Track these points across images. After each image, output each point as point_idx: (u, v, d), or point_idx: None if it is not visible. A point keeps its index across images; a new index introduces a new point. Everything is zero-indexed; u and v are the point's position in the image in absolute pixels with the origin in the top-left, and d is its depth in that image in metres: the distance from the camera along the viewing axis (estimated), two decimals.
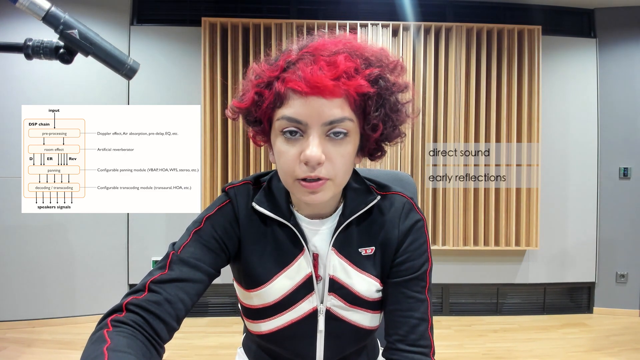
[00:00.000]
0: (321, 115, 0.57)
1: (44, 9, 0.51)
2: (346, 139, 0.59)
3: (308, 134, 0.58)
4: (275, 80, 0.59)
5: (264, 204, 0.68)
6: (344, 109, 0.58)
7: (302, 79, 0.56)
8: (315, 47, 0.59)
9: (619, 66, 2.95)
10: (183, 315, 0.59)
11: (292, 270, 0.68)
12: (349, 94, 0.57)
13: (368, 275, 0.69)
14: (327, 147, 0.58)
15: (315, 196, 0.60)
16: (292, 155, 0.59)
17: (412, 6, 2.84)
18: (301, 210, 0.69)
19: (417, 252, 0.68)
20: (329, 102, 0.56)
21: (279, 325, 0.69)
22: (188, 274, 0.60)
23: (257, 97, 0.62)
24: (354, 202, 0.69)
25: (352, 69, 0.57)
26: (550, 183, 2.93)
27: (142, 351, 0.51)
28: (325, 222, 0.69)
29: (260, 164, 2.78)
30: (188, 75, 2.80)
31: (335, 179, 0.60)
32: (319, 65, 0.56)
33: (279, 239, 0.68)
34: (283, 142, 0.60)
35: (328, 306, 0.69)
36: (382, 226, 0.69)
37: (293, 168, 0.59)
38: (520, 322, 2.85)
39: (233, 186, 0.71)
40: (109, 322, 0.53)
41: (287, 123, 0.58)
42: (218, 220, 0.67)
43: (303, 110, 0.57)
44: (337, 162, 0.59)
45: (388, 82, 0.61)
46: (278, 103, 0.59)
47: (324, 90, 0.56)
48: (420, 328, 0.66)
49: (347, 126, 0.59)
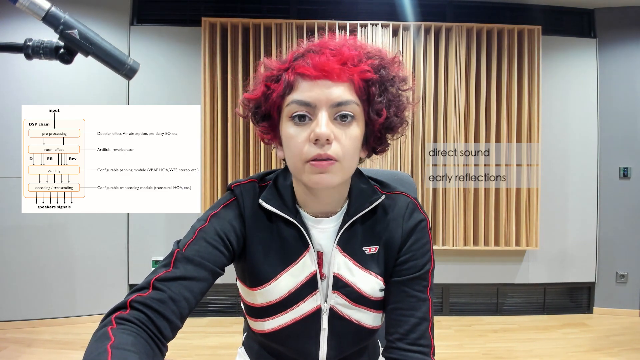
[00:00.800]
0: (329, 97, 0.60)
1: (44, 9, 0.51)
2: (353, 123, 0.62)
3: (317, 115, 0.60)
4: (284, 72, 0.63)
5: (271, 201, 0.68)
6: (350, 92, 0.61)
7: (311, 64, 0.60)
8: (320, 43, 0.64)
9: (619, 66, 2.95)
10: (187, 313, 0.59)
11: (296, 268, 0.68)
12: (354, 79, 0.61)
13: (372, 274, 0.69)
14: (335, 129, 0.61)
15: (324, 176, 0.61)
16: (302, 138, 0.61)
17: (412, 6, 2.84)
18: (307, 209, 0.70)
19: (420, 252, 0.69)
20: (335, 86, 0.60)
21: (283, 323, 0.70)
22: (192, 272, 0.60)
23: (267, 88, 0.64)
24: (359, 201, 0.69)
25: (355, 58, 0.62)
26: (550, 183, 2.93)
27: (145, 349, 0.51)
28: (330, 220, 0.70)
29: (260, 164, 2.78)
30: (188, 75, 2.80)
31: (343, 160, 0.61)
32: (325, 55, 0.61)
33: (284, 236, 0.69)
34: (292, 127, 0.62)
35: (332, 304, 0.69)
36: (386, 225, 0.70)
37: (302, 149, 0.61)
38: (520, 322, 2.85)
39: (239, 184, 0.72)
40: (112, 319, 0.53)
41: (296, 107, 0.61)
42: (223, 218, 0.68)
43: (311, 93, 0.60)
44: (345, 143, 0.61)
45: (389, 72, 0.65)
46: (287, 90, 0.62)
47: (331, 72, 0.59)
48: (421, 327, 0.66)
49: (354, 109, 0.62)
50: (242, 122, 2.76)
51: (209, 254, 0.63)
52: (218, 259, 0.64)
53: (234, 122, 2.79)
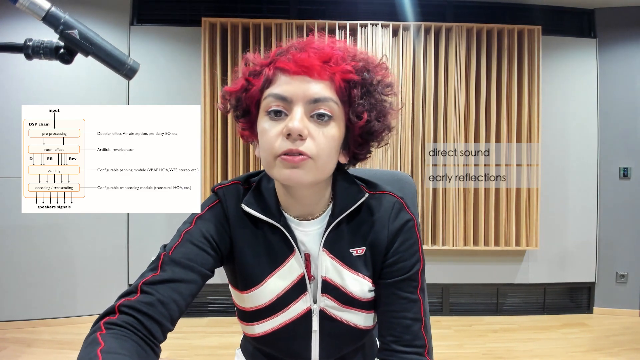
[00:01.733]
0: (306, 93, 0.59)
1: (44, 9, 0.51)
2: (331, 123, 0.61)
3: (292, 110, 0.59)
4: (265, 67, 0.62)
5: (253, 205, 0.67)
6: (329, 90, 0.60)
7: (292, 60, 0.59)
8: (305, 42, 0.63)
9: (619, 66, 2.95)
10: (177, 316, 0.59)
11: (284, 270, 0.68)
12: (335, 78, 0.60)
13: (360, 276, 0.68)
14: (310, 127, 0.60)
15: (295, 171, 0.59)
16: (275, 132, 0.60)
17: (412, 6, 2.84)
18: (290, 212, 0.69)
19: (408, 253, 0.68)
20: (315, 82, 0.59)
21: (273, 327, 0.69)
22: (180, 275, 0.60)
23: (247, 83, 0.64)
24: (344, 202, 0.68)
25: (339, 57, 0.61)
26: (550, 183, 2.93)
27: (136, 351, 0.51)
28: (315, 222, 0.69)
29: (260, 164, 2.78)
30: (188, 75, 2.80)
31: (317, 159, 0.59)
32: (308, 52, 0.60)
33: (270, 239, 0.68)
34: (267, 121, 0.61)
35: (322, 306, 0.69)
36: (371, 226, 0.69)
37: (274, 144, 0.59)
38: (520, 322, 2.85)
39: (222, 186, 0.71)
40: (102, 324, 0.52)
41: (272, 100, 0.60)
42: (209, 220, 0.67)
43: (289, 87, 0.59)
44: (320, 141, 0.60)
45: (373, 76, 0.64)
46: (266, 85, 0.61)
47: (311, 69, 0.58)
48: (413, 328, 0.66)
49: (332, 107, 0.60)
50: None
51: (196, 255, 0.62)
52: (205, 260, 0.63)
53: (234, 122, 2.78)
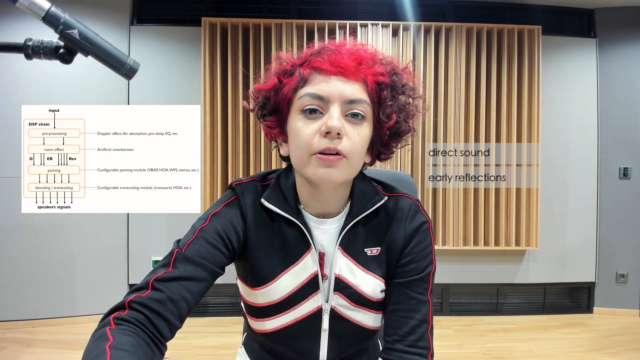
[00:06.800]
0: (342, 93, 0.61)
1: (44, 9, 0.51)
2: (364, 122, 0.63)
3: (328, 109, 0.61)
4: (298, 66, 0.64)
5: (273, 201, 0.68)
6: (362, 92, 0.63)
7: (327, 60, 0.61)
8: (337, 44, 0.65)
9: (619, 66, 2.95)
10: (186, 314, 0.59)
11: (298, 268, 0.68)
12: (368, 80, 0.63)
13: (373, 276, 0.69)
14: (346, 126, 0.61)
15: (331, 171, 0.61)
16: (312, 129, 0.61)
17: (412, 6, 2.84)
18: (309, 209, 0.70)
19: (422, 254, 0.69)
20: (349, 83, 0.61)
21: (284, 323, 0.69)
22: (192, 273, 0.60)
23: (279, 82, 0.65)
24: (361, 202, 0.69)
25: (370, 60, 0.64)
26: (550, 183, 2.93)
27: (144, 349, 0.51)
28: (332, 221, 0.70)
29: (260, 163, 2.78)
30: (188, 75, 2.80)
31: (350, 158, 0.61)
32: (342, 54, 0.62)
33: (286, 236, 0.68)
34: (302, 120, 0.62)
35: (333, 305, 0.69)
36: (388, 227, 0.70)
37: (311, 142, 0.61)
38: (520, 322, 2.85)
39: (240, 182, 0.71)
40: (111, 319, 0.52)
41: (308, 100, 0.61)
42: (224, 217, 0.67)
43: (326, 87, 0.61)
44: (355, 141, 0.62)
45: (401, 79, 0.67)
46: (301, 84, 0.63)
47: (346, 70, 0.61)
48: (420, 329, 0.66)
49: (365, 109, 0.63)
50: (242, 122, 2.76)
51: (209, 253, 0.63)
52: (218, 259, 0.64)
53: (234, 122, 2.78)
